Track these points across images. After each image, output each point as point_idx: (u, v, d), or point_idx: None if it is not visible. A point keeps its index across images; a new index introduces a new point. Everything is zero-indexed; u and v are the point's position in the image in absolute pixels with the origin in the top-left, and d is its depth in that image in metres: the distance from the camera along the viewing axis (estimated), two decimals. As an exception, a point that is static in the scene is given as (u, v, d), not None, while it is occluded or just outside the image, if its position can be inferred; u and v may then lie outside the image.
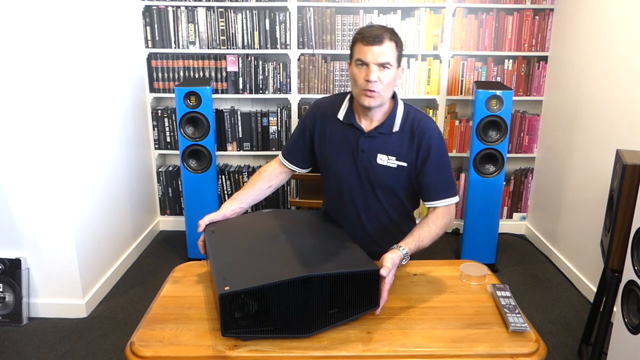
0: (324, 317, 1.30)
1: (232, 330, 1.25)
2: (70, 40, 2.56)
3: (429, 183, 1.68)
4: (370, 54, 1.57)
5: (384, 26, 1.62)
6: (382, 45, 1.56)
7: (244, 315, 1.26)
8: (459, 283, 1.57)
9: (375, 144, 1.68)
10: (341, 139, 1.72)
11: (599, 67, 2.84)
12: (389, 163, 1.68)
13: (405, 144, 1.67)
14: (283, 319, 1.26)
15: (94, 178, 2.82)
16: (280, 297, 1.24)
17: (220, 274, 1.30)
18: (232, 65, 3.47)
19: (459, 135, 3.58)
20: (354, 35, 1.64)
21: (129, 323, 2.62)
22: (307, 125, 1.80)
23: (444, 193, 1.68)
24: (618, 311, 1.79)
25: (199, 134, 3.09)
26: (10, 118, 2.39)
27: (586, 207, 2.94)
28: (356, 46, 1.62)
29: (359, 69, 1.60)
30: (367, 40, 1.57)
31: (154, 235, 3.68)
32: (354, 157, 1.70)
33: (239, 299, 1.24)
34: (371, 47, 1.56)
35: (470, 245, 3.22)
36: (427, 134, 1.66)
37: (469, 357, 1.25)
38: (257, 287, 1.23)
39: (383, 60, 1.57)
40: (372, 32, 1.57)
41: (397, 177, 1.70)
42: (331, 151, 1.75)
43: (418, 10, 3.38)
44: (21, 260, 2.57)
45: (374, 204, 1.75)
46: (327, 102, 1.80)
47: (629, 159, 1.88)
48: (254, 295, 1.24)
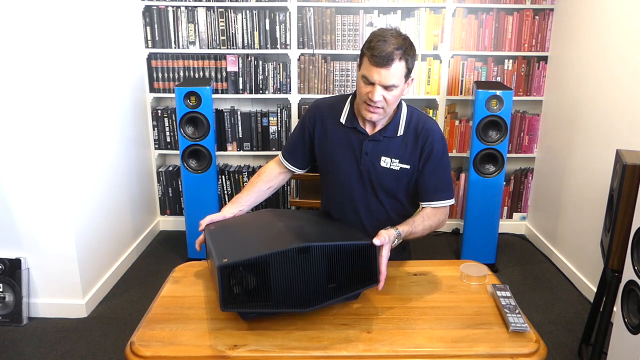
0: (323, 291, 1.31)
1: (231, 305, 1.26)
2: (70, 41, 2.56)
3: (427, 184, 1.69)
4: (376, 75, 1.51)
5: (396, 38, 1.52)
6: (390, 68, 1.50)
7: (242, 290, 1.27)
8: (459, 283, 1.57)
9: (379, 147, 1.68)
10: (344, 142, 1.71)
11: (599, 67, 2.84)
12: (392, 165, 1.68)
13: (409, 147, 1.67)
14: (282, 292, 1.27)
15: (94, 178, 2.82)
16: (278, 268, 1.25)
17: (219, 251, 1.32)
18: (232, 65, 3.47)
19: (459, 135, 3.58)
20: (366, 43, 1.55)
21: (129, 323, 2.62)
22: (306, 126, 1.78)
23: (440, 194, 1.69)
24: (618, 311, 1.79)
25: (199, 134, 3.09)
26: (10, 118, 2.39)
27: (586, 207, 2.94)
28: (364, 59, 1.55)
29: (364, 84, 1.56)
30: (376, 61, 1.50)
31: (154, 235, 3.68)
32: (357, 160, 1.70)
33: (238, 272, 1.25)
34: (379, 69, 1.50)
35: (470, 245, 3.22)
36: (430, 136, 1.66)
37: (469, 357, 1.25)
38: (255, 257, 1.24)
39: (389, 83, 1.52)
40: (382, 51, 1.48)
41: (399, 179, 1.70)
42: (333, 154, 1.74)
43: (418, 10, 3.38)
44: (21, 260, 2.57)
45: (375, 205, 1.75)
46: (327, 103, 1.78)
47: (629, 159, 1.88)
48: (253, 268, 1.25)
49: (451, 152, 3.60)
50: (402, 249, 1.85)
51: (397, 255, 1.83)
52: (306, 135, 1.79)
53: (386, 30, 1.55)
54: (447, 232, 3.78)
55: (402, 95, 1.61)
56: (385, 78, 1.51)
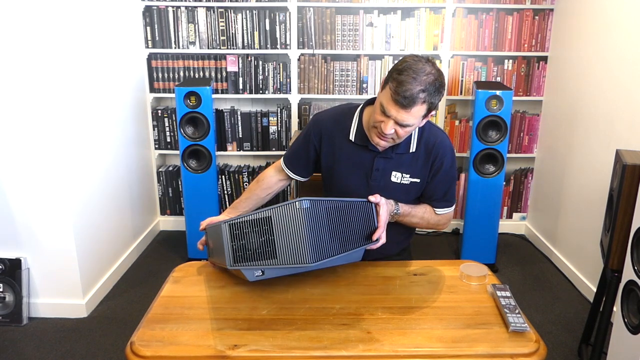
0: (326, 246, 1.34)
1: (240, 263, 1.32)
2: (70, 41, 2.56)
3: (432, 193, 1.71)
4: (394, 112, 1.45)
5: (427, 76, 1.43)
6: (411, 111, 1.44)
7: (248, 246, 1.32)
8: (459, 283, 1.57)
9: (390, 163, 1.66)
10: (354, 160, 1.68)
11: (599, 67, 2.84)
12: (403, 180, 1.67)
13: (420, 161, 1.66)
14: (286, 248, 1.31)
15: (94, 178, 2.82)
16: (282, 224, 1.30)
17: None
18: (232, 65, 3.47)
19: (459, 135, 3.58)
20: (395, 70, 1.45)
21: (129, 323, 2.62)
22: (311, 140, 1.73)
23: (442, 203, 1.72)
24: (618, 311, 1.79)
25: (199, 134, 3.09)
26: (10, 118, 2.38)
27: (586, 207, 2.94)
28: (387, 89, 1.47)
29: (380, 112, 1.50)
30: (397, 99, 1.43)
31: (154, 235, 3.68)
32: (367, 176, 1.68)
33: (244, 228, 1.31)
34: (398, 108, 1.44)
35: (470, 245, 3.22)
36: (441, 152, 1.65)
37: (469, 357, 1.25)
38: (259, 213, 1.31)
39: (405, 124, 1.48)
40: (407, 90, 1.41)
41: (408, 193, 1.69)
42: (342, 171, 1.71)
43: (418, 10, 3.38)
44: (21, 260, 2.57)
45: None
46: (330, 117, 1.72)
47: (629, 159, 1.88)
48: (257, 225, 1.31)
49: (451, 152, 3.60)
50: (402, 249, 1.85)
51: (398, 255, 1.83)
52: (311, 149, 1.74)
53: (420, 62, 1.44)
54: (447, 232, 3.78)
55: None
56: (403, 119, 1.47)
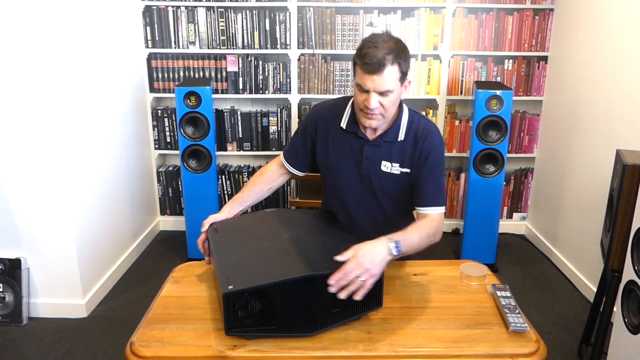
0: (327, 316, 1.30)
1: (236, 329, 1.25)
2: (70, 41, 2.56)
3: (421, 188, 1.66)
4: (370, 82, 1.49)
5: (387, 42, 1.48)
6: (383, 74, 1.47)
7: (247, 314, 1.26)
8: (459, 283, 1.57)
9: (380, 152, 1.67)
10: (345, 147, 1.70)
11: (599, 67, 2.84)
12: (393, 170, 1.67)
13: (409, 151, 1.66)
14: (286, 318, 1.26)
15: (94, 178, 2.82)
16: (284, 296, 1.24)
17: (224, 272, 1.30)
18: (232, 65, 3.47)
19: (459, 135, 3.58)
20: (357, 50, 1.52)
21: (129, 323, 2.62)
22: (308, 131, 1.77)
23: (432, 200, 1.64)
24: (618, 311, 1.79)
25: (199, 134, 3.09)
26: (10, 118, 2.38)
27: (586, 207, 2.94)
28: (357, 68, 1.52)
29: (360, 92, 1.54)
30: (368, 69, 1.47)
31: (154, 235, 3.68)
32: (358, 165, 1.69)
33: (243, 297, 1.24)
34: (372, 76, 1.48)
35: (470, 245, 3.22)
36: (428, 142, 1.64)
37: (469, 357, 1.25)
38: (261, 286, 1.23)
39: (383, 89, 1.50)
40: (373, 57, 1.46)
41: (400, 183, 1.69)
42: (334, 158, 1.73)
43: (418, 10, 3.38)
44: (21, 260, 2.57)
45: (375, 207, 1.75)
46: (327, 107, 1.76)
47: (629, 159, 1.88)
48: (257, 294, 1.24)
49: (451, 152, 3.60)
50: None
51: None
52: (308, 140, 1.78)
53: (377, 35, 1.52)
54: (447, 232, 3.78)
55: (399, 99, 1.59)
56: (379, 84, 1.49)
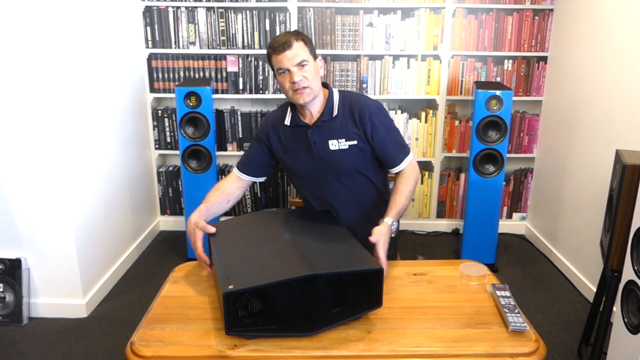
0: (327, 315, 1.30)
1: (236, 329, 1.25)
2: (70, 41, 2.56)
3: (385, 151, 1.80)
4: (285, 60, 1.69)
5: (287, 32, 1.76)
6: (293, 48, 1.69)
7: (247, 314, 1.26)
8: (459, 283, 1.57)
9: (323, 133, 1.79)
10: (295, 140, 1.84)
11: (599, 67, 2.84)
12: (341, 146, 1.78)
13: (349, 124, 1.78)
14: (286, 318, 1.27)
15: (94, 178, 2.82)
16: (284, 296, 1.24)
17: (224, 272, 1.31)
18: (232, 66, 3.47)
19: (458, 136, 3.58)
20: (267, 50, 1.75)
21: (129, 323, 2.62)
22: (261, 139, 1.90)
23: (400, 156, 1.80)
24: (618, 311, 1.79)
25: (199, 134, 3.09)
26: (10, 118, 2.39)
27: (586, 207, 2.94)
28: (272, 59, 1.74)
29: (283, 77, 1.72)
30: (278, 50, 1.69)
31: (154, 235, 3.68)
32: (310, 152, 1.81)
33: (243, 297, 1.24)
34: (284, 53, 1.69)
35: (470, 245, 3.22)
36: (366, 110, 1.77)
37: (468, 356, 1.25)
38: (261, 285, 1.23)
39: (298, 60, 1.69)
40: (279, 41, 1.70)
41: (353, 157, 1.79)
42: (290, 155, 1.86)
43: (418, 10, 3.38)
44: (21, 260, 2.57)
45: (341, 190, 1.84)
46: (274, 114, 1.92)
47: (628, 159, 1.88)
48: (258, 294, 1.25)
49: (451, 152, 3.60)
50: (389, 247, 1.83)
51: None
52: (263, 147, 1.90)
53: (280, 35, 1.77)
54: (447, 232, 3.78)
55: (319, 73, 1.77)
56: (293, 58, 1.69)
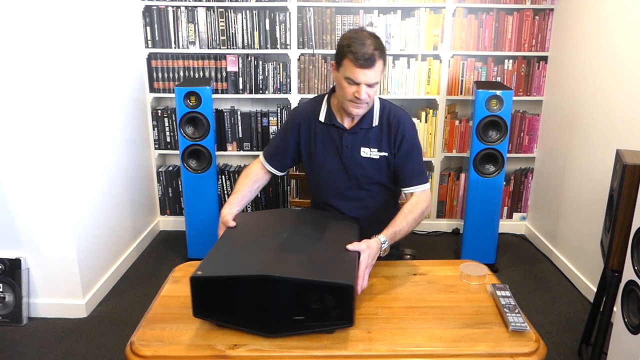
0: (289, 321, 1.28)
1: (202, 314, 1.31)
2: (70, 41, 2.56)
3: (403, 169, 1.79)
4: (362, 75, 1.62)
5: (371, 39, 1.62)
6: (374, 68, 1.62)
7: (212, 301, 1.30)
8: (459, 283, 1.57)
9: (358, 139, 1.79)
10: (326, 139, 1.82)
11: (599, 67, 2.84)
12: (372, 155, 1.78)
13: (384, 135, 1.78)
14: (245, 313, 1.29)
15: (94, 178, 2.82)
16: (242, 291, 1.27)
17: (207, 259, 1.37)
18: (232, 65, 3.47)
19: (459, 135, 3.58)
20: (344, 44, 1.63)
21: (129, 323, 2.62)
22: (289, 131, 1.87)
23: (416, 180, 1.78)
24: (618, 311, 1.79)
25: (199, 134, 3.09)
26: (10, 118, 2.38)
27: (586, 207, 2.94)
28: (346, 62, 1.63)
29: (349, 84, 1.65)
30: (361, 64, 1.60)
31: (154, 235, 3.68)
32: (339, 154, 1.80)
33: (207, 284, 1.28)
34: (363, 70, 1.61)
35: (470, 245, 3.22)
36: (401, 125, 1.78)
37: (469, 356, 1.25)
38: (221, 277, 1.28)
39: (373, 81, 1.65)
40: (364, 53, 1.59)
41: (380, 167, 1.80)
42: (318, 151, 1.84)
43: (418, 10, 3.38)
44: (21, 260, 2.57)
45: (361, 194, 1.84)
46: (306, 106, 1.89)
47: (629, 159, 1.88)
48: (219, 285, 1.29)
49: (451, 152, 3.60)
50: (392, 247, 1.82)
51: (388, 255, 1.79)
52: (290, 140, 1.87)
53: (359, 32, 1.65)
54: (447, 232, 3.78)
55: None
56: (370, 77, 1.63)
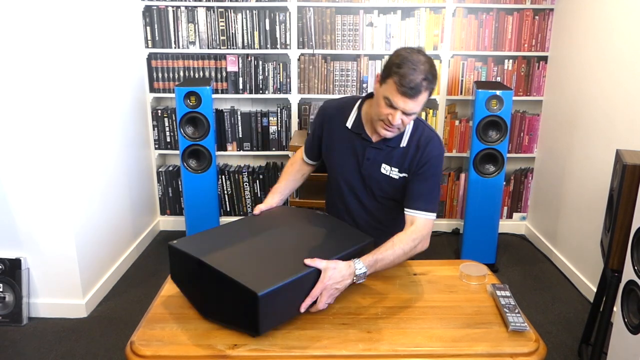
0: (215, 309, 1.35)
1: (175, 280, 1.47)
2: (70, 41, 2.56)
3: (411, 187, 1.67)
4: (402, 103, 1.52)
5: (424, 65, 1.50)
6: (417, 99, 1.52)
7: (180, 271, 1.44)
8: (459, 283, 1.57)
9: (381, 155, 1.71)
10: (348, 146, 1.75)
11: (599, 67, 2.84)
12: (392, 174, 1.71)
13: (409, 157, 1.69)
14: (194, 292, 1.40)
15: (94, 178, 2.82)
16: (192, 270, 1.36)
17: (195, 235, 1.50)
18: (232, 65, 3.47)
19: (459, 135, 3.58)
20: (394, 62, 1.51)
21: (129, 323, 2.62)
22: (316, 127, 1.86)
23: (421, 203, 1.62)
24: (618, 311, 1.79)
25: (199, 134, 3.09)
26: (10, 118, 2.38)
27: (586, 207, 2.94)
28: (390, 82, 1.52)
29: (386, 105, 1.55)
30: (404, 91, 1.49)
31: (154, 235, 3.68)
32: (359, 164, 1.74)
33: (176, 255, 1.41)
34: (405, 98, 1.51)
35: (470, 245, 3.22)
36: (428, 151, 1.67)
37: (468, 356, 1.25)
38: (181, 251, 1.38)
39: (412, 112, 1.55)
40: (411, 80, 1.48)
41: (397, 187, 1.73)
42: (337, 155, 1.79)
43: (418, 10, 3.38)
44: (21, 260, 2.57)
45: (371, 203, 1.80)
46: (335, 105, 1.82)
47: (629, 159, 1.88)
48: (181, 258, 1.39)
49: (451, 152, 3.60)
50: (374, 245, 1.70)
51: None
52: (316, 135, 1.86)
53: (414, 53, 1.51)
54: (447, 232, 3.78)
55: None
56: (410, 108, 1.53)
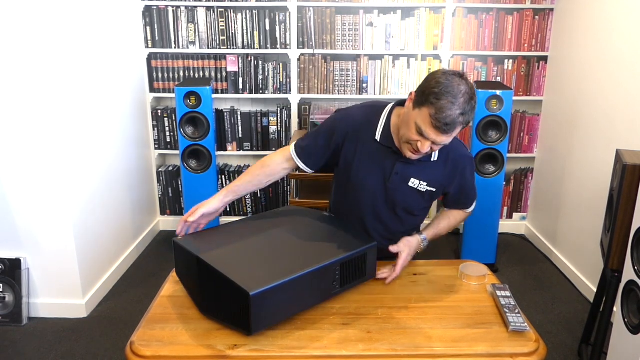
0: (211, 307, 1.36)
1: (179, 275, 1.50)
2: (70, 41, 2.56)
3: (459, 197, 1.79)
4: (433, 135, 1.46)
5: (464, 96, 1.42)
6: (449, 135, 1.47)
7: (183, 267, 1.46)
8: (459, 283, 1.57)
9: (410, 169, 1.65)
10: (375, 160, 1.66)
11: (599, 67, 2.84)
12: (420, 187, 1.67)
13: (440, 171, 1.67)
14: (194, 288, 1.42)
15: (94, 178, 2.82)
16: (192, 266, 1.37)
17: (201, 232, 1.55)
18: (232, 65, 3.47)
19: (459, 135, 3.57)
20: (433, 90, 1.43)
21: (129, 323, 2.62)
22: (334, 137, 1.68)
23: (473, 197, 1.82)
24: (618, 311, 1.79)
25: (199, 134, 3.09)
26: (10, 118, 2.38)
27: (586, 207, 2.94)
28: (424, 110, 1.44)
29: (416, 132, 1.49)
30: (436, 125, 1.43)
31: (154, 235, 3.68)
32: (385, 178, 1.67)
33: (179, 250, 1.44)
34: (439, 132, 1.45)
35: (470, 245, 3.22)
36: (461, 162, 1.70)
37: (469, 356, 1.25)
38: (183, 248, 1.40)
39: (443, 143, 1.51)
40: (447, 116, 1.41)
41: (422, 199, 1.70)
42: (361, 168, 1.68)
43: (418, 10, 3.38)
44: (21, 260, 2.57)
45: (390, 218, 1.73)
46: (360, 116, 1.68)
47: (629, 159, 1.88)
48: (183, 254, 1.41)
49: (451, 152, 3.60)
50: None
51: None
52: (331, 145, 1.70)
53: (454, 83, 1.43)
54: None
55: None
56: (442, 141, 1.48)
